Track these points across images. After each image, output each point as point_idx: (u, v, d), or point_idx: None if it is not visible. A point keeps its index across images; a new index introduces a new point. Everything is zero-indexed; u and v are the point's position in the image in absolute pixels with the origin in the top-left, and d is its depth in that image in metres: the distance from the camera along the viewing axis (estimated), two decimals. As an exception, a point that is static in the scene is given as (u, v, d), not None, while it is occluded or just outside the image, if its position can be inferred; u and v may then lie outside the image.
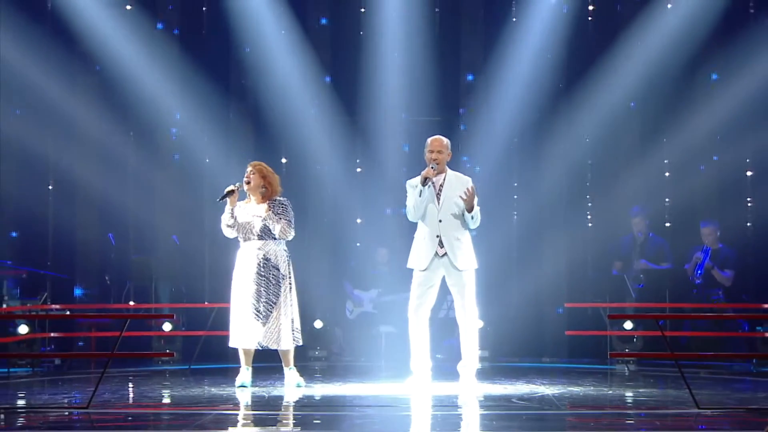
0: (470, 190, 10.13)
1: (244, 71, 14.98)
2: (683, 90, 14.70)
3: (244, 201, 10.30)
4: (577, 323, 13.95)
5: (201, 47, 14.99)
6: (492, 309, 13.79)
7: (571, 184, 15.06)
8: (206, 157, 14.96)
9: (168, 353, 12.22)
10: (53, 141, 14.69)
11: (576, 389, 10.27)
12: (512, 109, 14.81)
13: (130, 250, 14.78)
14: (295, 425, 8.20)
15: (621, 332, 13.27)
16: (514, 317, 14.54)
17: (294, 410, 8.98)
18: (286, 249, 10.28)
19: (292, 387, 10.23)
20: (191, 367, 12.83)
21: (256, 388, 10.18)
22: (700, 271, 13.82)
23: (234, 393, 9.87)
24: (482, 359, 12.33)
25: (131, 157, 14.93)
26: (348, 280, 14.80)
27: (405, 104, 15.04)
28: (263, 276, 10.15)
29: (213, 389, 10.19)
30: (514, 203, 15.12)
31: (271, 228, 10.15)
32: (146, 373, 12.31)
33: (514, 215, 15.12)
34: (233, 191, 10.22)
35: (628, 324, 13.15)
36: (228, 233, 10.27)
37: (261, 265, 10.16)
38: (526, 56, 14.77)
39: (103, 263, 14.77)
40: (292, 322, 10.22)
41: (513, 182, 15.11)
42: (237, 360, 10.36)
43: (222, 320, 10.57)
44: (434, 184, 10.26)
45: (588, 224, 15.05)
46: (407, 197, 10.33)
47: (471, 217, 10.21)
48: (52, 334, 13.36)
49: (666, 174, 14.97)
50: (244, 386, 10.16)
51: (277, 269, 10.18)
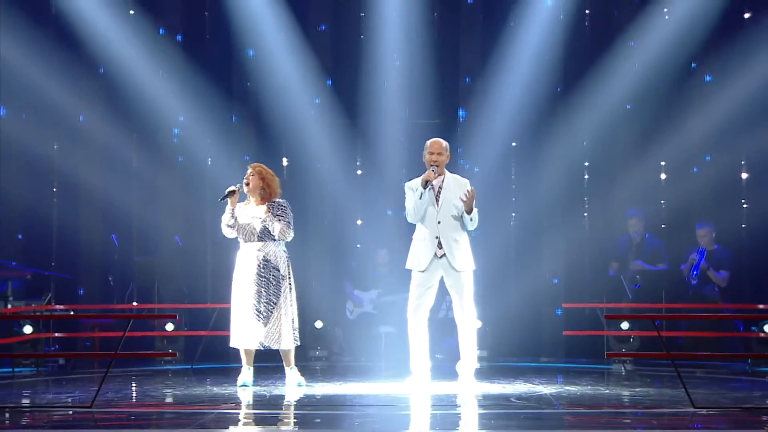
0: (471, 192, 10.13)
1: (246, 74, 14.98)
2: (679, 93, 14.71)
3: (244, 203, 10.30)
4: (575, 323, 13.95)
5: (203, 51, 15.00)
6: (490, 309, 13.78)
7: (569, 186, 15.05)
8: (208, 159, 14.97)
9: (170, 353, 12.22)
10: (57, 144, 14.71)
11: (573, 389, 10.27)
12: (510, 112, 14.80)
13: (133, 251, 14.78)
14: (296, 424, 8.20)
15: (618, 332, 13.27)
16: (513, 317, 14.53)
17: (295, 409, 8.98)
18: (286, 250, 10.29)
19: (293, 386, 10.23)
20: (193, 367, 12.83)
21: (258, 388, 10.18)
22: (696, 272, 13.82)
23: (236, 392, 9.88)
24: (481, 359, 12.34)
25: (134, 160, 14.94)
26: (348, 281, 14.80)
27: (405, 107, 15.04)
28: (263, 277, 10.16)
29: (215, 388, 10.19)
30: (513, 205, 15.12)
31: (271, 229, 10.15)
32: (149, 373, 12.31)
33: (512, 217, 15.12)
34: (234, 192, 10.23)
35: (625, 324, 13.15)
36: (228, 233, 10.27)
37: (261, 266, 10.16)
38: (524, 60, 14.77)
39: (107, 264, 14.77)
40: (293, 322, 10.22)
41: (511, 185, 15.11)
42: (239, 360, 10.36)
43: (224, 320, 10.57)
44: (433, 187, 10.26)
45: (585, 226, 15.05)
46: (406, 199, 10.34)
47: (470, 219, 10.21)
48: (56, 334, 13.37)
49: (662, 176, 14.97)
50: (246, 385, 10.16)
51: (277, 270, 10.19)
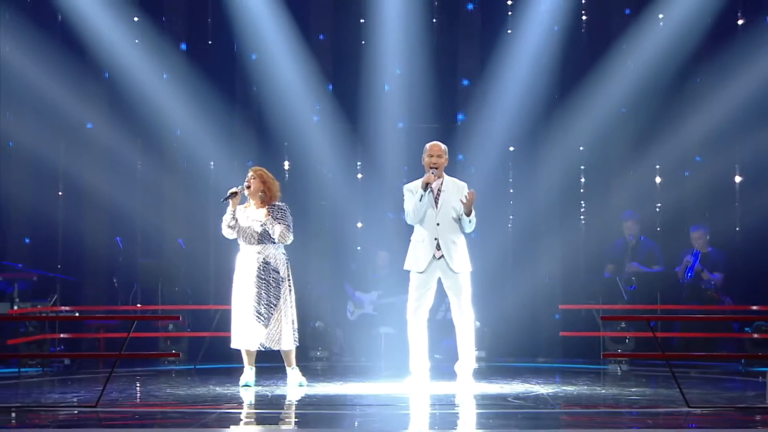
0: (471, 194, 10.14)
1: (249, 79, 14.98)
2: (674, 98, 14.72)
3: (244, 205, 10.29)
4: (571, 324, 13.95)
5: (206, 56, 15.01)
6: (488, 310, 13.78)
7: (565, 190, 15.06)
8: (211, 163, 14.97)
9: (174, 353, 12.21)
10: (63, 148, 14.72)
11: (570, 388, 10.27)
12: (508, 117, 14.81)
13: (138, 254, 14.78)
14: (297, 423, 8.20)
15: (614, 333, 13.27)
16: (510, 318, 14.54)
17: (296, 409, 8.97)
18: (285, 252, 10.29)
19: (295, 386, 10.23)
20: (196, 367, 12.82)
21: (260, 388, 10.18)
22: (690, 274, 13.82)
23: (238, 392, 9.87)
24: (479, 359, 12.33)
25: (138, 164, 14.94)
26: (349, 283, 14.80)
27: (404, 111, 15.05)
28: (263, 279, 10.15)
29: (218, 388, 10.18)
30: (510, 208, 15.12)
31: (271, 232, 10.15)
32: (153, 373, 12.30)
33: (510, 220, 15.12)
34: (236, 193, 10.23)
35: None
36: (228, 234, 10.26)
37: (261, 269, 10.16)
38: (522, 66, 14.78)
39: (111, 266, 14.77)
40: (293, 324, 10.22)
41: (509, 188, 15.11)
42: (241, 360, 10.36)
43: (226, 322, 10.56)
44: (432, 189, 10.26)
45: (581, 228, 15.04)
46: (405, 201, 10.34)
47: (469, 221, 10.21)
48: (62, 335, 13.36)
49: (657, 179, 14.97)
50: (248, 386, 10.16)
51: (277, 272, 10.18)
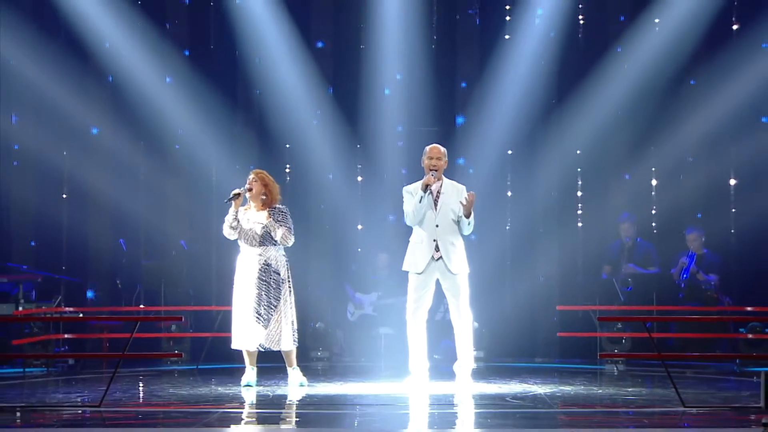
0: (471, 196, 10.14)
1: (250, 84, 14.98)
2: (670, 101, 14.72)
3: (244, 207, 10.29)
4: (569, 325, 13.95)
5: (208, 61, 15.01)
6: (487, 311, 13.78)
7: (563, 192, 15.06)
8: (213, 167, 14.97)
9: (176, 354, 12.22)
10: (67, 152, 14.72)
11: (567, 388, 10.27)
12: (507, 121, 14.81)
13: (141, 256, 14.77)
14: (298, 423, 8.20)
15: (610, 334, 13.26)
16: (508, 319, 14.53)
17: (297, 408, 8.97)
18: (285, 254, 10.30)
19: (295, 386, 10.23)
20: (199, 367, 12.82)
21: (261, 388, 10.18)
22: (686, 276, 13.82)
23: (240, 392, 9.87)
24: (477, 359, 12.31)
25: (141, 167, 14.94)
26: (349, 284, 14.79)
27: (404, 115, 15.05)
28: (264, 281, 10.16)
29: (220, 388, 10.18)
30: (508, 211, 15.11)
31: (273, 234, 10.15)
32: (156, 373, 12.30)
33: (508, 222, 15.12)
34: (239, 194, 10.23)
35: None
36: (229, 234, 10.25)
37: (262, 270, 10.16)
38: (520, 70, 14.78)
39: (115, 268, 14.76)
40: (292, 324, 10.23)
41: (507, 191, 15.10)
42: (242, 360, 10.36)
43: (228, 322, 10.56)
44: (432, 191, 10.27)
45: (578, 230, 15.04)
46: (404, 203, 10.35)
47: (467, 223, 10.21)
48: (66, 336, 13.36)
49: (653, 182, 14.97)
50: (250, 385, 10.16)
51: (278, 274, 10.19)
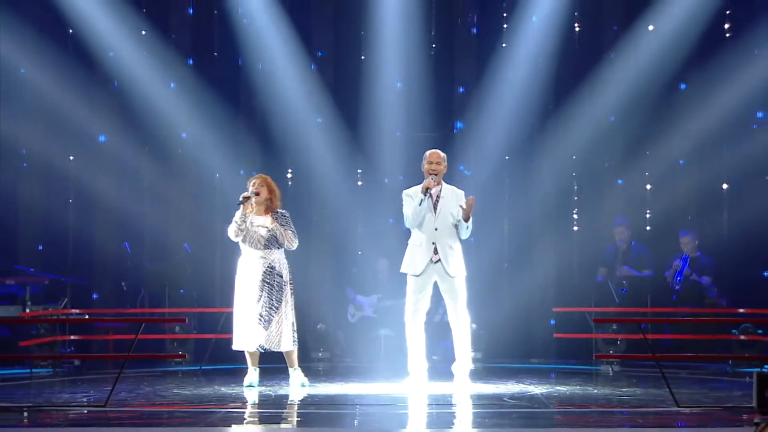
0: (471, 200, 10.15)
1: (253, 90, 14.99)
2: (663, 107, 14.74)
3: (247, 211, 10.29)
4: (565, 326, 13.95)
5: (212, 69, 15.02)
6: (485, 313, 13.78)
7: (559, 197, 15.07)
8: (216, 172, 14.98)
9: (180, 355, 12.20)
10: (74, 157, 14.73)
11: (563, 388, 10.27)
12: (504, 127, 14.82)
13: (145, 259, 14.78)
14: (300, 423, 8.20)
15: (605, 335, 13.26)
16: (506, 321, 14.53)
17: (298, 408, 8.97)
18: (285, 257, 10.31)
19: (297, 386, 10.23)
20: (202, 368, 12.82)
21: (263, 388, 10.18)
22: (680, 278, 13.82)
23: (242, 392, 9.87)
24: (475, 360, 12.32)
25: (146, 171, 14.94)
26: (350, 286, 14.80)
27: (403, 121, 15.06)
28: (268, 283, 10.16)
29: (222, 389, 10.18)
30: (506, 215, 15.12)
31: (279, 238, 10.17)
32: (160, 374, 12.30)
33: (506, 226, 15.12)
34: (248, 198, 10.24)
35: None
36: (235, 236, 10.23)
37: (267, 273, 10.17)
38: (517, 76, 14.79)
39: (120, 271, 14.77)
40: (293, 326, 10.24)
41: (504, 196, 15.11)
42: (245, 361, 10.36)
43: (231, 324, 10.56)
44: (432, 195, 10.28)
45: (574, 234, 15.05)
46: (404, 206, 10.35)
47: (466, 227, 10.22)
48: (72, 337, 13.36)
49: (647, 186, 14.98)
50: (252, 386, 10.16)
51: (281, 276, 10.20)
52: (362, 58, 15.00)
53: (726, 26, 14.70)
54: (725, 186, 14.75)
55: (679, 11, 14.43)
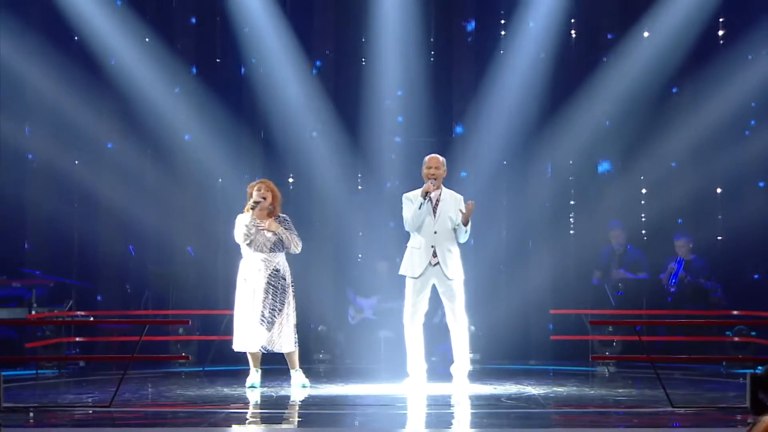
0: (471, 204, 10.17)
1: (255, 97, 15.01)
2: (658, 112, 14.75)
3: (250, 215, 10.32)
4: (561, 328, 13.96)
5: (215, 76, 15.05)
6: (483, 315, 13.78)
7: (555, 201, 15.08)
8: (219, 177, 14.99)
9: (184, 356, 12.23)
10: (78, 161, 14.75)
11: (560, 389, 10.29)
12: (501, 132, 14.84)
13: (149, 261, 14.79)
14: (300, 423, 8.22)
15: (601, 336, 13.28)
16: (503, 322, 14.53)
17: (299, 409, 8.99)
18: (287, 260, 10.36)
19: (298, 387, 10.25)
20: (205, 369, 12.84)
21: (265, 389, 10.20)
22: (674, 281, 13.84)
23: (245, 393, 9.89)
24: (473, 362, 12.32)
25: (150, 175, 14.96)
26: (350, 288, 14.80)
27: (402, 126, 15.08)
28: (272, 285, 10.19)
29: (225, 389, 10.20)
30: (503, 219, 15.13)
31: (285, 242, 10.22)
32: (164, 375, 12.32)
33: (503, 229, 15.13)
34: (258, 202, 10.28)
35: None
36: (243, 239, 10.25)
37: (272, 276, 10.21)
38: (515, 82, 14.81)
39: (124, 273, 14.79)
40: (294, 327, 10.27)
41: (502, 200, 15.12)
42: (247, 363, 10.38)
43: (233, 325, 10.58)
44: (431, 199, 10.30)
45: (570, 237, 15.06)
46: (403, 209, 10.37)
47: (464, 231, 10.24)
48: (77, 339, 13.38)
49: (642, 190, 14.99)
50: (254, 387, 10.18)
51: (285, 279, 10.24)
52: (363, 64, 15.03)
53: (720, 32, 14.73)
54: (719, 190, 14.76)
55: (674, 17, 14.46)
